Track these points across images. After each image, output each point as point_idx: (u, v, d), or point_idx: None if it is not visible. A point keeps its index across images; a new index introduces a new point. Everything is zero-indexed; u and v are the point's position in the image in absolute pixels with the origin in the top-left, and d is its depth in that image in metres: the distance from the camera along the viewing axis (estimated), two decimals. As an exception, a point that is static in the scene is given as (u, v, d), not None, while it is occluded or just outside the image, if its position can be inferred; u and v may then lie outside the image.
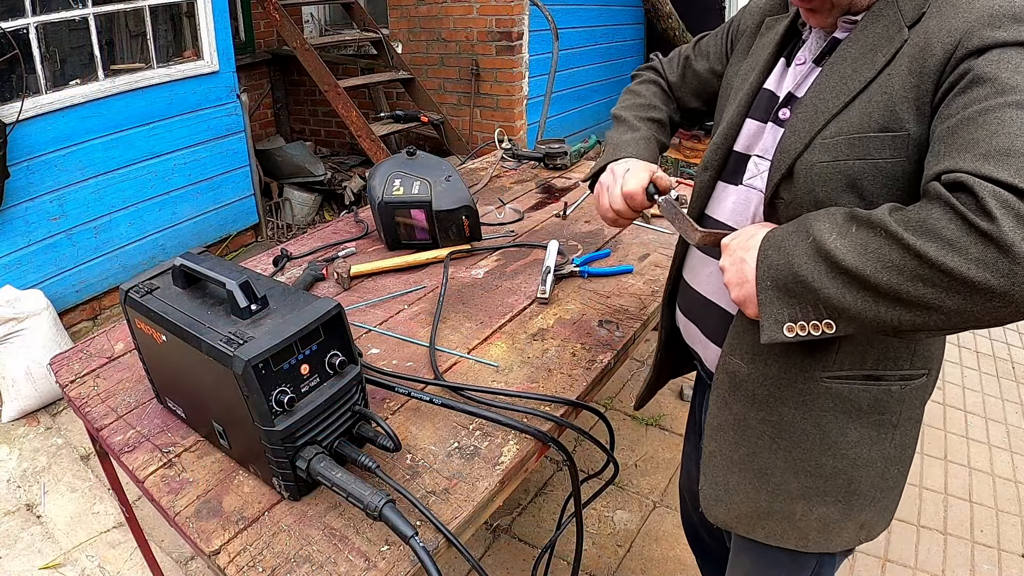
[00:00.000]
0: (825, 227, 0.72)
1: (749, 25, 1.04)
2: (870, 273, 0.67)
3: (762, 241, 0.78)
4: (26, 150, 2.74)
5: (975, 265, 0.60)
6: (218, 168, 3.62)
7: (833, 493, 0.93)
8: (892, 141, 0.75)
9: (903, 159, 0.75)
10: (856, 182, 0.78)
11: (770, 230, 0.80)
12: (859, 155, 0.78)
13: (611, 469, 1.10)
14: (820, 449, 0.91)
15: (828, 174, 0.80)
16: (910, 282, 0.64)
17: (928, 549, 2.01)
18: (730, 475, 0.99)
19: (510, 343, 1.26)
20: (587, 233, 1.77)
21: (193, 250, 1.03)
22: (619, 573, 1.91)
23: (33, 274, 2.86)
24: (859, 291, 0.68)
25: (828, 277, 0.70)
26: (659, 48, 1.46)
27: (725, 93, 1.04)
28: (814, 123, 0.81)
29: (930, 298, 0.63)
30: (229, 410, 0.88)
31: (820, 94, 0.82)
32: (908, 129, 0.74)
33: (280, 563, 0.81)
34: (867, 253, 0.67)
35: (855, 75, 0.79)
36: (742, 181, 0.95)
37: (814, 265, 0.71)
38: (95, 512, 2.11)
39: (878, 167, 0.77)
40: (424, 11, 4.49)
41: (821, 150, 0.80)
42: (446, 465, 0.96)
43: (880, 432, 0.90)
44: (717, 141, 0.98)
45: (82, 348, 1.29)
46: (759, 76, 0.95)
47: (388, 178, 1.62)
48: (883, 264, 0.66)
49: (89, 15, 2.94)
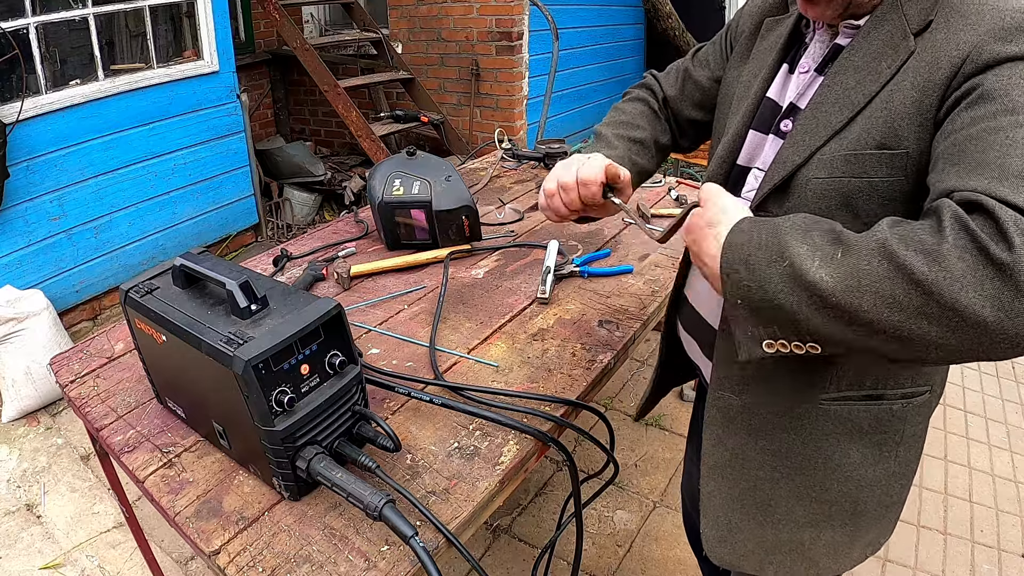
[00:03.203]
0: (804, 250, 0.63)
1: (747, 27, 1.00)
2: (866, 310, 0.59)
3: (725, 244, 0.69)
4: (26, 150, 2.74)
5: (990, 304, 0.54)
6: (218, 168, 3.62)
7: (839, 516, 0.91)
8: (890, 159, 0.72)
9: (901, 178, 0.72)
10: (851, 200, 0.75)
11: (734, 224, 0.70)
12: (855, 173, 0.74)
13: (611, 469, 1.10)
14: (824, 473, 0.88)
15: (823, 190, 0.76)
16: (913, 319, 0.57)
17: (928, 549, 2.01)
18: (732, 513, 0.96)
19: (510, 343, 1.26)
20: (587, 233, 1.77)
21: (193, 250, 1.03)
22: (619, 573, 1.91)
23: (33, 274, 2.86)
24: (849, 325, 0.61)
25: (811, 309, 0.62)
26: (659, 48, 1.45)
27: (726, 100, 1.00)
28: (815, 137, 0.77)
29: (934, 336, 0.57)
30: (229, 410, 0.88)
31: (822, 106, 0.78)
32: (907, 147, 0.71)
33: (280, 563, 0.81)
34: (861, 287, 0.59)
35: (858, 87, 0.75)
36: (740, 194, 0.91)
37: (793, 295, 0.63)
38: (95, 512, 2.11)
39: (874, 185, 0.73)
40: (424, 11, 4.49)
41: (819, 166, 0.77)
42: (446, 465, 0.96)
43: (883, 451, 0.88)
44: (721, 154, 0.93)
45: (82, 348, 1.29)
46: (762, 84, 0.91)
47: (388, 178, 1.62)
48: (882, 299, 0.58)
49: (89, 15, 2.94)
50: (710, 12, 5.77)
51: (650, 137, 1.10)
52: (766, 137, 0.89)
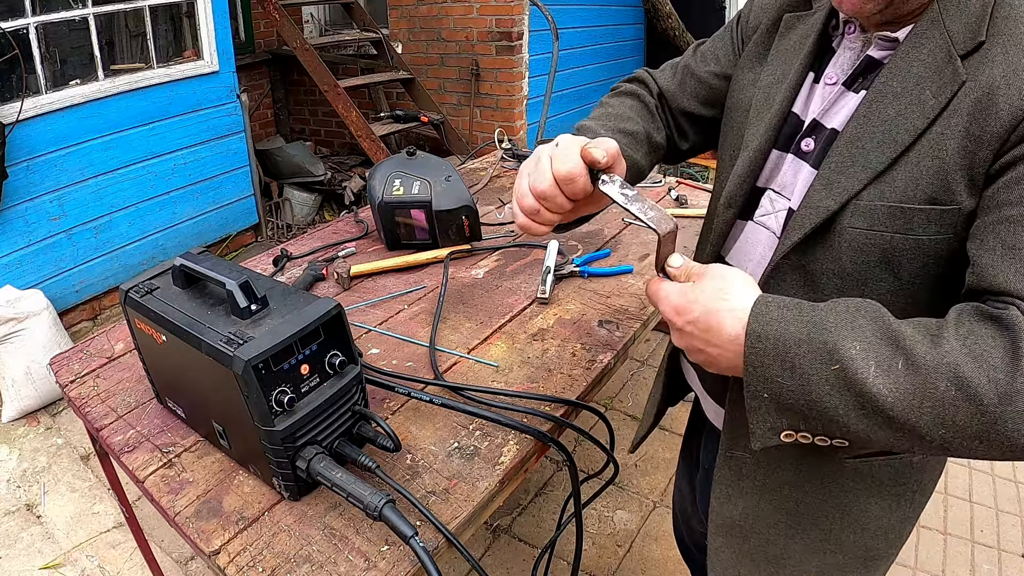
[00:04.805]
0: (857, 351, 0.57)
1: (763, 21, 0.88)
2: (922, 425, 0.55)
3: (750, 333, 0.60)
4: (26, 150, 2.74)
5: None
6: (218, 168, 3.62)
7: (852, 565, 0.88)
8: (940, 216, 0.63)
9: (950, 235, 0.63)
10: (893, 258, 0.66)
11: (754, 308, 0.61)
12: (900, 229, 0.64)
13: (611, 469, 1.10)
14: (840, 527, 0.84)
15: (860, 244, 0.67)
16: (967, 440, 0.54)
17: (928, 549, 2.01)
18: (741, 567, 0.92)
19: (510, 343, 1.26)
20: (587, 233, 1.77)
21: (193, 250, 1.03)
22: (619, 573, 1.91)
23: (33, 274, 2.86)
24: (896, 433, 0.57)
25: (859, 415, 0.57)
26: (659, 48, 1.43)
27: (739, 106, 0.88)
28: (851, 179, 0.67)
29: (978, 451, 0.55)
30: (229, 410, 0.88)
31: (858, 141, 0.67)
32: (960, 202, 0.62)
33: (280, 563, 0.81)
34: (923, 406, 0.55)
35: (901, 121, 0.65)
36: (753, 217, 0.83)
37: (841, 400, 0.57)
38: (95, 512, 2.11)
39: (920, 244, 0.64)
40: (424, 11, 4.50)
41: (856, 214, 0.67)
42: (446, 465, 0.96)
43: (901, 500, 0.85)
44: (741, 173, 0.82)
45: (82, 348, 1.29)
46: (787, 96, 0.79)
47: (388, 178, 1.62)
48: (941, 421, 0.54)
49: (89, 15, 2.94)
50: (710, 12, 5.77)
51: (643, 131, 0.93)
52: (784, 156, 0.79)
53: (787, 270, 0.74)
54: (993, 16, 0.62)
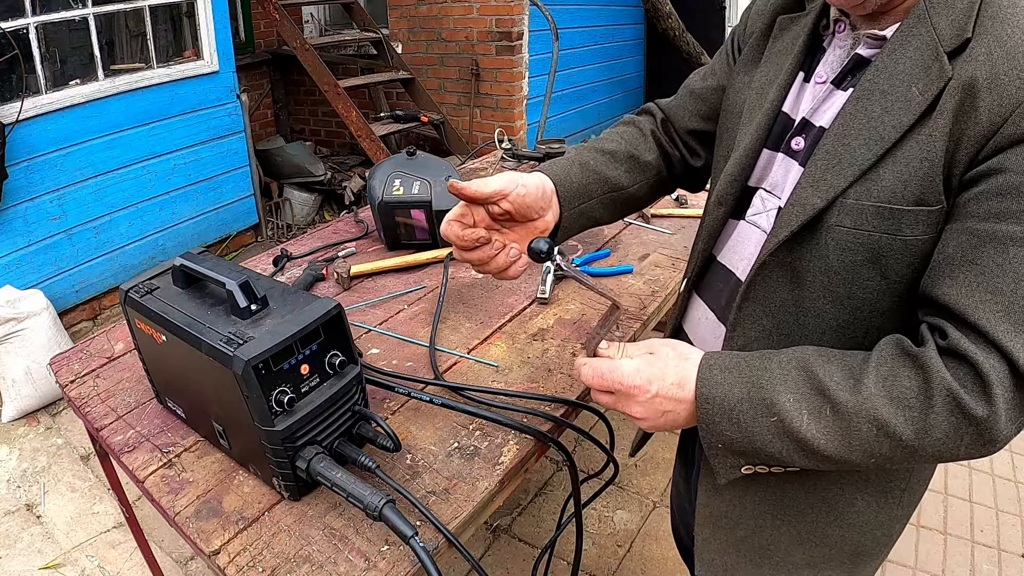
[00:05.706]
0: (791, 403, 0.65)
1: (758, 26, 0.89)
2: (855, 460, 0.65)
3: (697, 396, 0.70)
4: (26, 150, 2.74)
5: (964, 451, 0.61)
6: (218, 168, 3.62)
7: (838, 558, 0.89)
8: (927, 216, 0.64)
9: (934, 235, 0.65)
10: (881, 258, 0.67)
11: (699, 373, 0.71)
12: (888, 229, 0.65)
13: (611, 469, 1.10)
14: (826, 521, 0.86)
15: (848, 243, 0.68)
16: (897, 464, 0.66)
17: (928, 549, 2.01)
18: (728, 556, 0.93)
19: (510, 343, 1.26)
20: (587, 233, 1.77)
21: (193, 250, 1.03)
22: (619, 573, 1.91)
23: (33, 274, 2.86)
24: (835, 464, 0.67)
25: (800, 455, 0.66)
26: (659, 48, 1.43)
27: (733, 108, 0.88)
28: (838, 176, 0.67)
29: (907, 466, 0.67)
30: (229, 410, 0.88)
31: (844, 138, 0.68)
32: (942, 203, 0.63)
33: (280, 563, 0.81)
34: (852, 446, 0.64)
35: (887, 117, 0.65)
36: (745, 216, 0.83)
37: (783, 444, 0.66)
38: (95, 512, 2.11)
39: (908, 244, 0.65)
40: (424, 11, 4.50)
41: (842, 212, 0.67)
42: (446, 465, 0.96)
43: (888, 498, 0.85)
44: (732, 172, 0.83)
45: (82, 348, 1.29)
46: (778, 95, 0.80)
47: (388, 178, 1.62)
48: (869, 455, 0.64)
49: (89, 15, 2.95)
50: (710, 12, 5.77)
51: (624, 150, 0.97)
52: (775, 155, 0.80)
53: (773, 267, 0.75)
54: (980, 13, 0.62)
